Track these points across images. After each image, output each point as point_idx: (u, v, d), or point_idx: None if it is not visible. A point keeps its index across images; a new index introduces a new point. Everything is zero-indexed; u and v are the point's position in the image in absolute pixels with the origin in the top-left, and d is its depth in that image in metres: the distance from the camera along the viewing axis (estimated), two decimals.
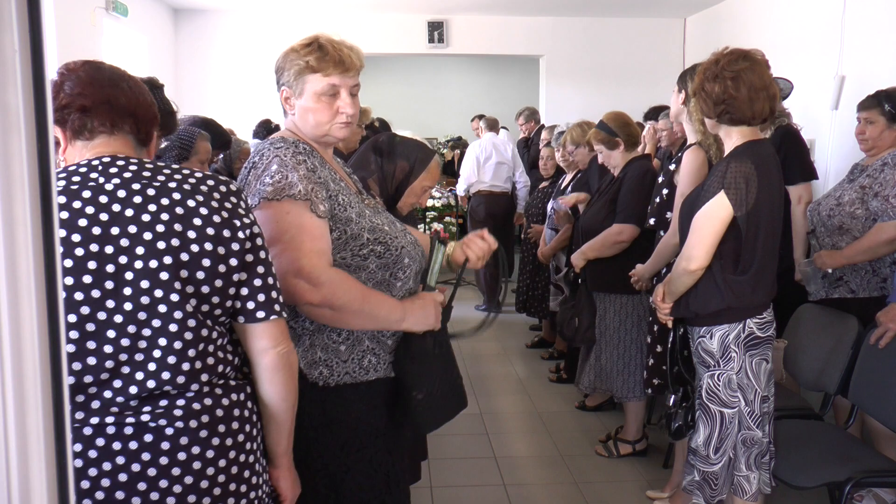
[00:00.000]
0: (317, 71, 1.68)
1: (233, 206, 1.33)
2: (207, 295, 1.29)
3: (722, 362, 2.32)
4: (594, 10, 8.07)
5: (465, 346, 5.56)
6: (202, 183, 1.32)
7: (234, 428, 1.33)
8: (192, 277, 1.27)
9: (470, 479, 3.39)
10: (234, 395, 1.34)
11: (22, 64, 0.54)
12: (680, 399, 2.48)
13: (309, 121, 1.72)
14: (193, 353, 1.28)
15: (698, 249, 2.25)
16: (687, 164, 2.78)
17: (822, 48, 5.43)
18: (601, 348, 3.56)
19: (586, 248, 3.58)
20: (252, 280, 1.33)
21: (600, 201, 3.64)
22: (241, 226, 1.32)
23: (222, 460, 1.30)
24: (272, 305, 1.35)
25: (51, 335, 0.57)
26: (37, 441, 0.56)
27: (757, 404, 2.34)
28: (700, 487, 2.41)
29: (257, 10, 8.00)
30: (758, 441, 2.36)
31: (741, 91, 2.20)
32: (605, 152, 3.58)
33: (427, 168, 2.12)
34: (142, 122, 1.39)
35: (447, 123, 11.80)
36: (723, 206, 2.19)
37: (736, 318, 2.30)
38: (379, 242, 1.71)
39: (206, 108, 5.85)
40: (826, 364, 2.79)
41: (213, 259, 1.28)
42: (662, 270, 2.96)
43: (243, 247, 1.32)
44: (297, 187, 1.58)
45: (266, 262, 1.36)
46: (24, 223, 0.55)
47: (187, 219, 1.28)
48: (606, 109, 3.80)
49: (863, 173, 2.98)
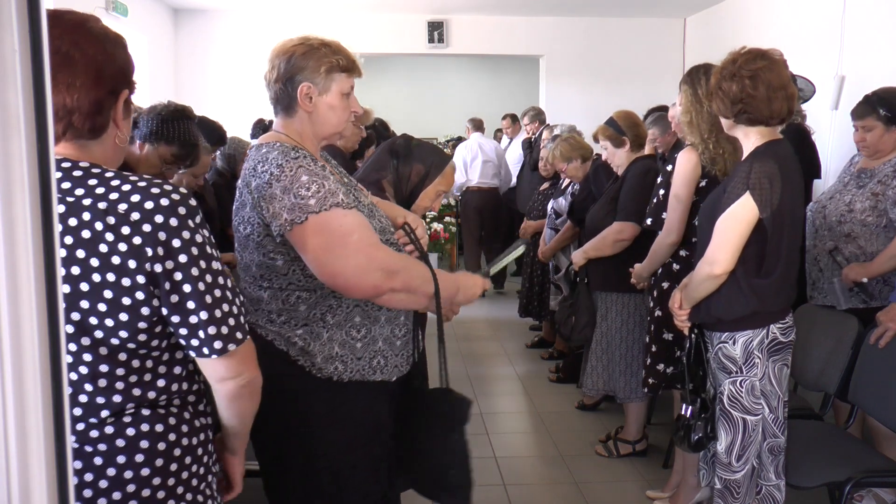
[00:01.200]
0: (345, 71, 1.73)
1: (150, 231, 1.16)
2: (113, 328, 1.18)
3: (745, 368, 2.28)
4: (594, 10, 8.07)
5: (465, 346, 5.56)
6: (123, 201, 1.16)
7: (151, 457, 1.25)
8: (93, 309, 1.16)
9: None
10: (158, 425, 1.25)
11: (22, 64, 0.54)
12: (699, 410, 2.42)
13: (330, 118, 1.75)
14: (91, 387, 1.20)
15: (723, 253, 2.18)
16: (680, 165, 2.77)
17: (821, 48, 5.42)
18: (603, 348, 3.56)
19: (587, 247, 3.58)
20: (187, 318, 1.20)
21: (603, 200, 3.64)
22: (152, 256, 1.16)
23: (131, 484, 1.24)
24: (223, 340, 1.22)
25: (51, 335, 0.57)
26: (37, 441, 0.56)
27: (780, 410, 2.32)
28: (722, 496, 2.38)
29: (257, 10, 8.00)
30: (782, 447, 2.34)
31: (759, 90, 2.16)
32: (609, 149, 3.56)
33: (442, 172, 2.13)
34: (86, 115, 1.20)
35: (447, 123, 11.79)
36: (748, 207, 2.14)
37: (760, 323, 2.26)
38: (389, 243, 1.74)
39: (206, 109, 5.85)
40: (826, 364, 2.79)
41: (116, 291, 1.16)
42: (659, 270, 2.96)
43: (153, 280, 1.17)
44: (339, 195, 1.61)
45: (202, 294, 1.20)
46: (24, 223, 0.55)
47: (92, 244, 1.15)
48: (606, 109, 3.80)
49: (872, 178, 2.92)
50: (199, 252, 1.20)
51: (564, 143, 4.41)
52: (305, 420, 1.71)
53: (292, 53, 1.71)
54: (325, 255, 1.57)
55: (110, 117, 1.24)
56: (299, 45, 1.73)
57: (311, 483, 1.74)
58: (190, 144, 2.53)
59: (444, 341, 1.79)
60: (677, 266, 2.87)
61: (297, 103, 1.73)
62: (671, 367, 2.92)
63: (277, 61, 1.73)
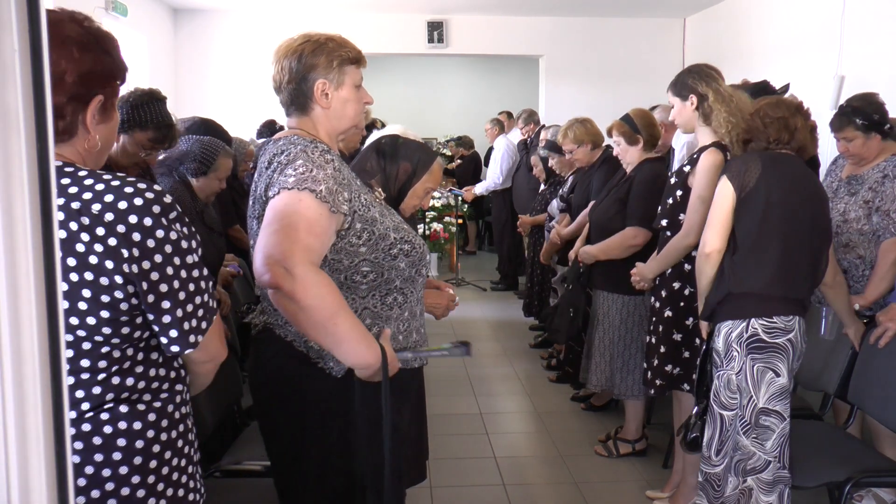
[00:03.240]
0: (354, 62, 1.74)
1: (125, 232, 1.16)
2: (94, 326, 1.18)
3: (724, 361, 2.31)
4: (594, 10, 8.07)
5: None
6: (96, 201, 1.15)
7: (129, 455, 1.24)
8: (73, 308, 1.17)
9: (470, 479, 3.39)
10: (136, 422, 1.24)
11: (22, 64, 0.54)
12: (701, 411, 2.45)
13: (347, 112, 1.75)
14: (72, 380, 1.20)
15: (708, 232, 2.38)
16: (704, 165, 2.74)
17: (821, 48, 5.43)
18: (605, 345, 3.56)
19: (597, 249, 3.56)
20: (161, 316, 1.21)
21: (610, 198, 3.62)
22: (129, 257, 1.16)
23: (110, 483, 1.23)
24: (195, 332, 1.25)
25: (50, 335, 0.57)
26: (37, 441, 0.56)
27: (749, 412, 2.31)
28: (703, 489, 2.40)
29: (257, 10, 8.00)
30: (744, 449, 2.33)
31: (782, 136, 2.40)
32: (622, 146, 3.54)
33: (429, 170, 2.12)
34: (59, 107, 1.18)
35: (447, 123, 11.80)
36: (724, 187, 2.35)
37: (740, 314, 2.29)
38: (406, 241, 1.72)
39: (206, 109, 5.86)
40: (826, 364, 2.79)
41: (95, 290, 1.16)
42: (668, 270, 2.94)
43: (130, 279, 1.17)
44: (321, 186, 1.56)
45: (177, 292, 1.21)
46: (24, 223, 0.55)
47: (69, 244, 1.14)
48: (606, 109, 3.80)
49: (863, 185, 2.94)
50: (173, 249, 1.20)
51: (580, 126, 4.31)
52: (324, 421, 1.71)
53: (301, 52, 1.70)
54: (266, 227, 1.54)
55: (77, 121, 1.21)
56: (306, 42, 1.71)
57: (327, 484, 1.74)
58: (165, 126, 2.51)
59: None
60: (689, 266, 2.84)
61: (313, 101, 1.72)
62: (678, 368, 2.91)
63: (286, 62, 1.71)
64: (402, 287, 1.75)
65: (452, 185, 8.66)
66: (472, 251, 10.03)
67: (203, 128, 3.84)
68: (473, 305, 6.78)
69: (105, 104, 1.25)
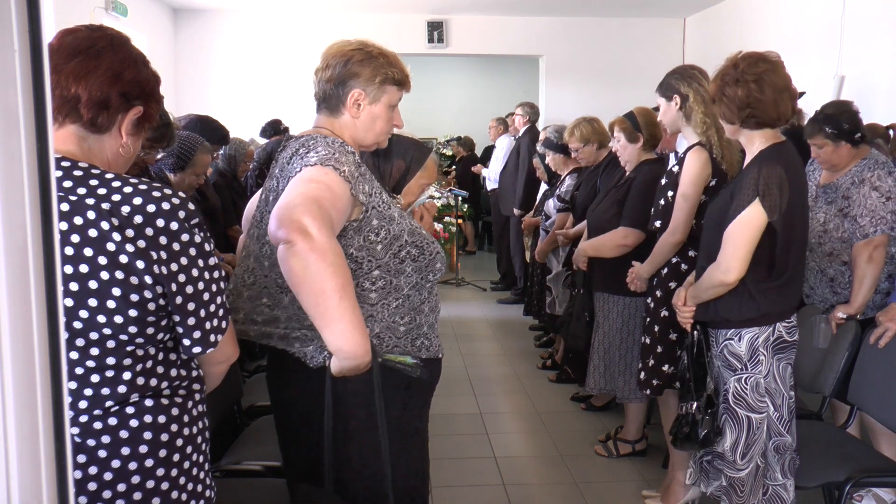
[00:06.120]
0: (397, 84, 1.77)
1: (153, 235, 1.19)
2: (122, 324, 1.20)
3: (750, 365, 2.29)
4: (594, 10, 8.07)
5: (465, 346, 5.56)
6: (125, 203, 1.19)
7: (155, 448, 1.27)
8: (102, 307, 1.19)
9: (470, 479, 3.39)
10: (160, 416, 1.28)
11: (22, 64, 0.54)
12: (705, 405, 2.42)
13: (374, 127, 1.77)
14: (97, 378, 1.22)
15: (736, 261, 2.20)
16: (690, 165, 2.77)
17: (821, 48, 5.43)
18: (605, 348, 3.56)
19: (588, 246, 3.56)
20: (186, 318, 1.25)
21: (609, 199, 3.62)
22: (157, 259, 1.20)
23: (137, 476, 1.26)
24: (214, 333, 1.29)
25: (51, 335, 0.57)
26: (37, 441, 0.56)
27: (785, 409, 2.33)
28: (727, 493, 2.38)
29: (257, 10, 8.00)
30: (789, 446, 2.34)
31: (766, 93, 2.18)
32: (622, 142, 3.53)
33: (424, 166, 2.11)
34: (92, 104, 1.23)
35: (447, 123, 11.80)
36: (758, 214, 2.16)
37: (767, 321, 2.27)
38: (415, 245, 1.71)
39: (206, 109, 5.85)
40: (822, 366, 2.79)
41: (125, 288, 1.19)
42: (664, 271, 2.95)
43: (160, 280, 1.21)
44: (344, 167, 1.56)
45: (200, 294, 1.25)
46: (24, 223, 0.55)
47: (100, 243, 1.17)
48: (606, 109, 3.80)
49: (837, 193, 2.94)
50: (196, 252, 1.25)
51: (587, 125, 4.30)
52: (345, 425, 1.70)
53: (350, 58, 1.72)
54: (287, 191, 1.51)
55: (116, 120, 1.28)
56: (358, 49, 1.74)
57: (346, 489, 1.72)
58: (162, 125, 2.52)
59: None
60: (685, 266, 2.86)
61: (344, 106, 1.74)
62: (672, 367, 2.91)
63: (334, 61, 1.73)
64: (410, 294, 1.73)
65: (453, 185, 8.66)
66: (471, 251, 10.04)
67: (200, 125, 3.83)
68: (473, 305, 6.78)
69: (141, 119, 1.32)
